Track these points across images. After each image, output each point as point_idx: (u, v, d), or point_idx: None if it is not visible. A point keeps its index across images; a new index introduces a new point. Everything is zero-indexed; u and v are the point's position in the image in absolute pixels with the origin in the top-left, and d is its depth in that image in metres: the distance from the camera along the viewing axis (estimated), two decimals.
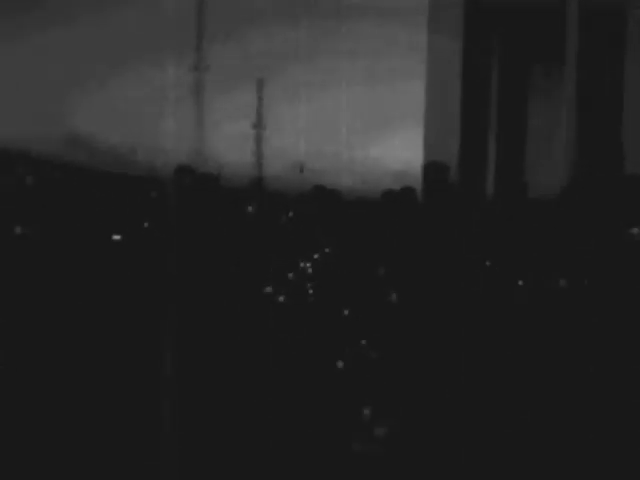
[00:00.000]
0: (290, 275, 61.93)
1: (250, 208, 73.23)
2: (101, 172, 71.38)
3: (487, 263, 47.95)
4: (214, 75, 76.38)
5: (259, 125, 78.86)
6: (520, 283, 47.99)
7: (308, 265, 64.35)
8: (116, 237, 61.78)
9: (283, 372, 38.28)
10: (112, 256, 58.64)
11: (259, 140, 78.01)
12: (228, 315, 48.58)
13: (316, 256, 66.23)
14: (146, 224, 65.53)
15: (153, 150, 66.85)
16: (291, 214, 73.82)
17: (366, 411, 32.78)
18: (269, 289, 56.80)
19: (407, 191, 77.45)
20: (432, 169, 70.30)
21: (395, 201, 75.69)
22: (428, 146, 70.99)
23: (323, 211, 73.81)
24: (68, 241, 58.84)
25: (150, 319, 43.55)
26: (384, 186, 73.54)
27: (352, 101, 76.69)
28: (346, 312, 53.35)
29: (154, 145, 67.34)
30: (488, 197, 64.80)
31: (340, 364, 41.32)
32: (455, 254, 50.37)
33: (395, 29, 76.54)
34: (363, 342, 46.57)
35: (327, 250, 66.83)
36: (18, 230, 59.53)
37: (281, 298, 55.16)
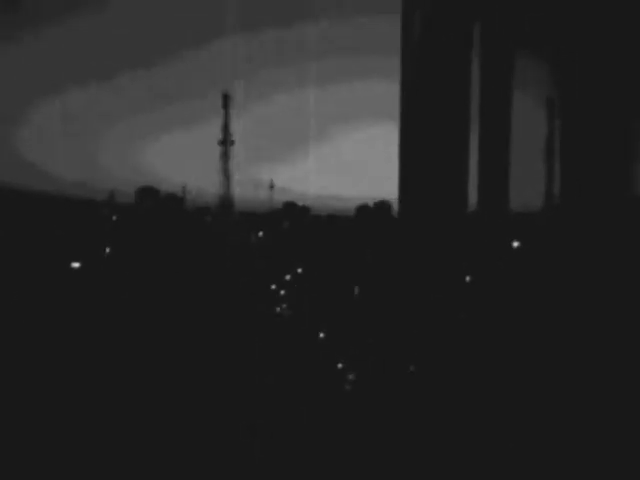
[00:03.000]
0: (260, 298, 60.85)
1: (215, 226, 72.11)
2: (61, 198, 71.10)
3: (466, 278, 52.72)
4: None
5: (226, 141, 77.47)
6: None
7: (278, 287, 63.24)
8: (75, 265, 60.28)
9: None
10: (71, 282, 57.32)
11: (226, 157, 76.53)
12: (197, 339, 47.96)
13: (288, 277, 65.13)
14: (107, 249, 64.20)
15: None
16: (260, 234, 72.64)
17: None
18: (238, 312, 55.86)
19: (382, 205, 76.72)
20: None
21: (370, 215, 74.91)
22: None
23: (294, 229, 72.74)
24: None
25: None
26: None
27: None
28: (321, 334, 52.93)
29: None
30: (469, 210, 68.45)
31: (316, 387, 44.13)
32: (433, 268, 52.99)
33: None
34: (340, 365, 46.83)
35: (299, 270, 65.79)
36: None
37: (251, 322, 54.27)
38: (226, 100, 74.84)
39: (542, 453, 30.19)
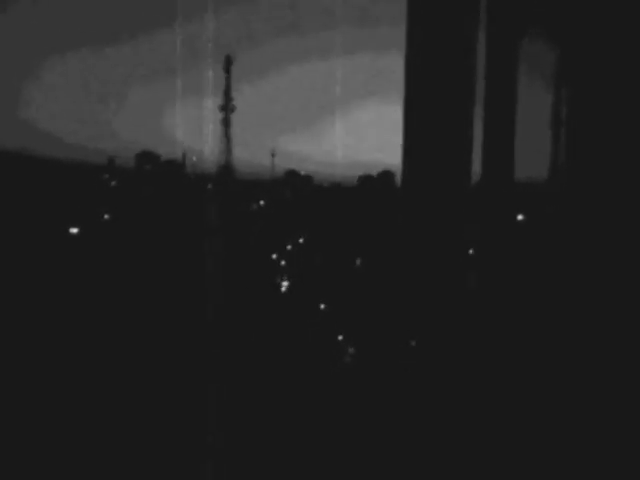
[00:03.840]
0: (261, 268, 60.72)
1: (216, 194, 71.73)
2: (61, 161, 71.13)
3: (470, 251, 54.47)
4: None
5: (227, 106, 76.76)
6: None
7: (279, 256, 63.14)
8: (73, 230, 60.11)
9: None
10: (69, 249, 57.20)
11: (226, 123, 75.89)
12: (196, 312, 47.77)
13: (289, 247, 64.99)
14: (106, 215, 64.07)
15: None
16: (262, 202, 72.21)
17: None
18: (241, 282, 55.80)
19: (385, 175, 76.37)
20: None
21: (372, 186, 74.65)
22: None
23: (296, 198, 72.36)
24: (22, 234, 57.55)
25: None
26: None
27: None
28: (322, 306, 52.93)
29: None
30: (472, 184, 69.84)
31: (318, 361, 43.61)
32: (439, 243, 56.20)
33: None
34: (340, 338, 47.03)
35: (300, 240, 65.65)
36: None
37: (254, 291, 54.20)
38: (228, 63, 73.66)
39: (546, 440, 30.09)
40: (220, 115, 74.40)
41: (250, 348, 41.99)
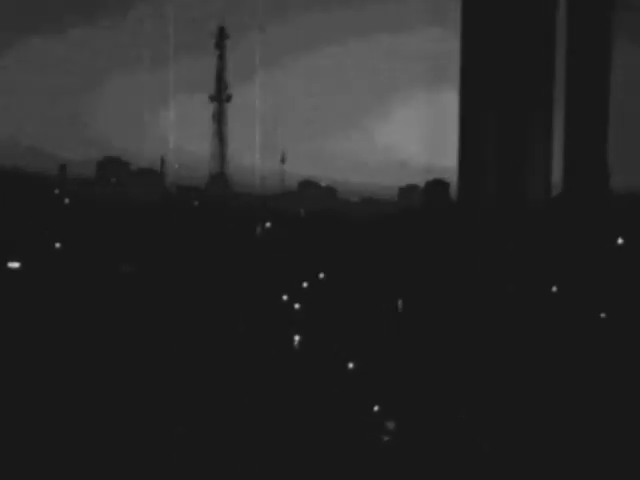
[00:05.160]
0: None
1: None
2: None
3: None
4: None
5: (220, 95, 75.85)
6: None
7: (291, 298, 62.52)
8: (13, 265, 59.77)
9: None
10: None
11: (219, 117, 74.94)
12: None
13: (305, 285, 64.29)
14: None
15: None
16: (268, 224, 71.09)
17: None
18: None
19: (437, 186, 75.49)
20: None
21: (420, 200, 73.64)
22: None
23: (314, 219, 71.32)
24: None
25: None
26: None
27: None
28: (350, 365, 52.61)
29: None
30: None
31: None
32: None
33: None
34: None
35: (321, 275, 64.88)
36: None
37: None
38: (222, 35, 71.41)
39: None
40: (211, 108, 72.58)
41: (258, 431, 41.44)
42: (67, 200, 68.39)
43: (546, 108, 77.34)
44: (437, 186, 76.34)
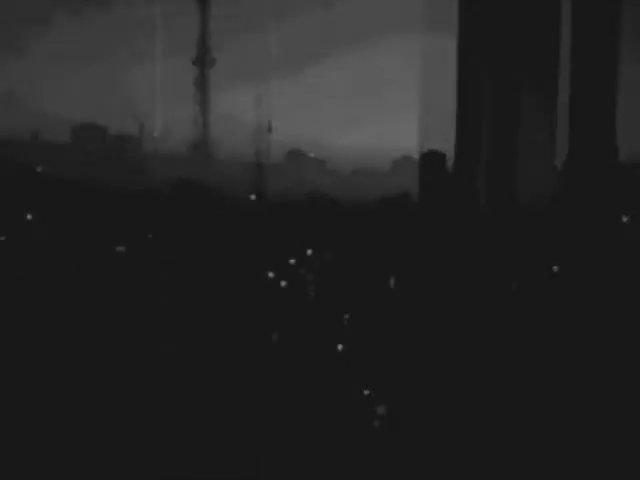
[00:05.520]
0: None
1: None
2: None
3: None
4: None
5: (203, 58, 76.72)
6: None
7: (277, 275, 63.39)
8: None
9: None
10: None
11: (202, 82, 75.88)
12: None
13: (291, 261, 65.20)
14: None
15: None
16: (253, 196, 71.70)
17: None
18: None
19: (432, 157, 76.51)
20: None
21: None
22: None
23: (303, 193, 72.15)
24: None
25: None
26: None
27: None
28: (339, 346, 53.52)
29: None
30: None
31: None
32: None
33: None
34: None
35: (309, 252, 65.81)
36: None
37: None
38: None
39: None
40: (194, 72, 73.39)
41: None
42: (39, 168, 69.30)
43: (551, 83, 78.09)
44: (432, 156, 76.85)
